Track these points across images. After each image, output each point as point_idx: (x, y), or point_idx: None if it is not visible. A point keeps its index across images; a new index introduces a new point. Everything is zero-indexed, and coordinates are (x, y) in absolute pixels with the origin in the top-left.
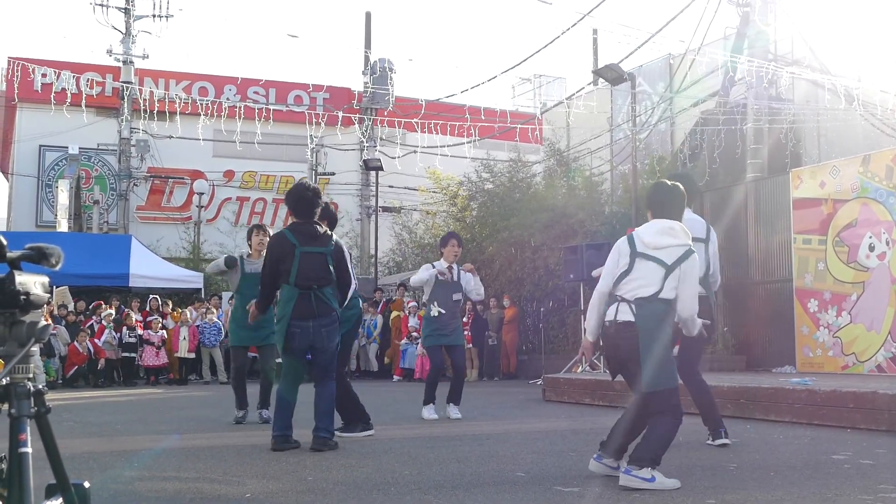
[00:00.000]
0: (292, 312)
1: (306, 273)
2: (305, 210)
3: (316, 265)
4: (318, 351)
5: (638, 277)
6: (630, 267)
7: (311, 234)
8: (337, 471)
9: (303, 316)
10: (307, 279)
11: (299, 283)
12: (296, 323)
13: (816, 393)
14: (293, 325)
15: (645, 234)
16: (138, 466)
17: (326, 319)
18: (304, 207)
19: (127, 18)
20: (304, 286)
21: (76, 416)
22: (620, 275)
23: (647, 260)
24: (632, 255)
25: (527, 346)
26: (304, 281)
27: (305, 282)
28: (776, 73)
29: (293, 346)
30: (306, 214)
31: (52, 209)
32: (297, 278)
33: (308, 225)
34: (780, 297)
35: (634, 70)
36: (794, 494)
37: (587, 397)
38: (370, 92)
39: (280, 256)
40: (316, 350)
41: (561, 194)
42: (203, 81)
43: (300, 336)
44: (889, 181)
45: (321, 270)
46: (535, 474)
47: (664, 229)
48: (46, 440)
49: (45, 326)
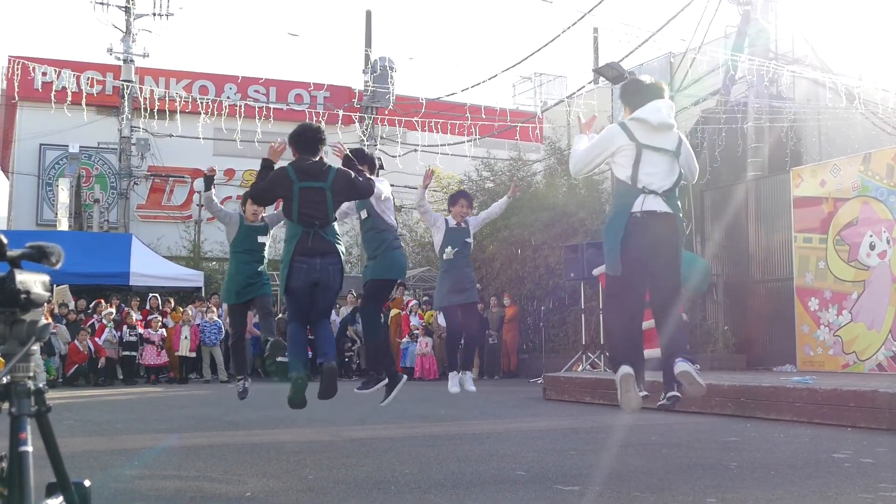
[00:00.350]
0: (295, 248)
1: (307, 210)
2: (305, 146)
3: (314, 201)
4: (322, 288)
5: (653, 168)
6: (638, 157)
7: (308, 170)
8: (337, 469)
9: (306, 252)
10: (308, 216)
11: (301, 221)
12: (300, 258)
13: (817, 392)
14: (297, 259)
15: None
16: (139, 465)
17: (331, 258)
18: (303, 143)
19: (127, 17)
20: (307, 223)
21: (77, 415)
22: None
23: (657, 152)
24: (637, 147)
25: (527, 345)
26: (306, 218)
27: (307, 219)
28: (777, 72)
29: (297, 283)
30: (307, 150)
31: (52, 208)
32: (299, 216)
33: (307, 160)
34: (780, 295)
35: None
36: (794, 493)
37: (588, 396)
38: (370, 91)
39: (275, 185)
40: (319, 287)
41: (562, 193)
42: (203, 80)
43: (306, 271)
44: (890, 180)
45: (320, 208)
46: (536, 473)
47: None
48: (47, 439)
49: (45, 325)
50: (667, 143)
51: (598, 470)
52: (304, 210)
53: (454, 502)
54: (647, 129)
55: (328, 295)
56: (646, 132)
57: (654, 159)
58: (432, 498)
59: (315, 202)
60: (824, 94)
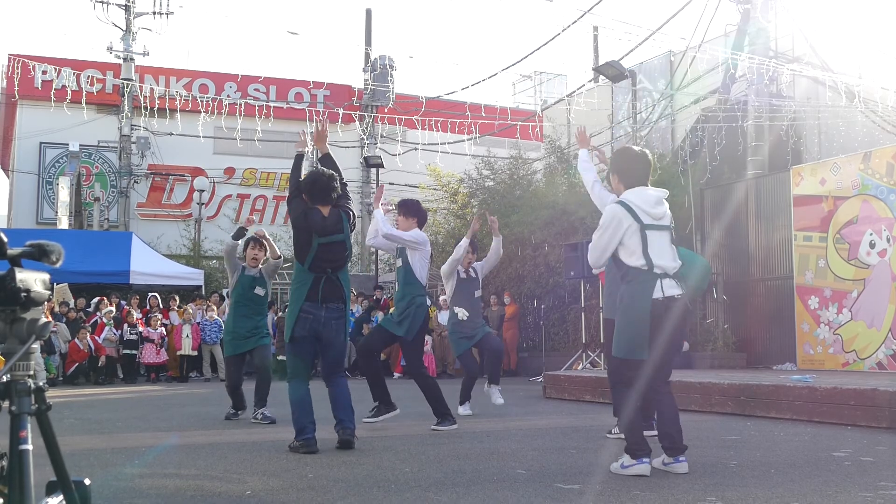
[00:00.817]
0: (306, 296)
1: (322, 261)
2: (319, 194)
3: (333, 253)
4: (326, 344)
5: (662, 249)
6: (644, 239)
7: (328, 226)
8: (337, 468)
9: (314, 299)
10: (322, 267)
11: (314, 269)
12: (308, 308)
13: (817, 390)
14: (305, 309)
15: (644, 205)
16: (139, 463)
17: (337, 310)
18: (317, 192)
19: (127, 15)
20: (320, 270)
21: (77, 414)
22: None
23: (660, 230)
24: (641, 228)
25: (527, 344)
26: (319, 267)
27: (320, 268)
28: (777, 70)
29: (301, 333)
30: (320, 199)
31: (52, 206)
32: (313, 265)
33: (322, 213)
34: (780, 294)
35: (635, 67)
36: (794, 492)
37: (588, 394)
38: (371, 89)
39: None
40: (324, 343)
41: (561, 192)
42: (203, 78)
43: (311, 323)
44: (890, 178)
45: (337, 257)
46: (536, 471)
47: (658, 198)
48: (47, 437)
49: (45, 323)
50: (664, 220)
51: (598, 468)
52: (319, 263)
53: (454, 501)
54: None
55: (334, 351)
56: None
57: (658, 240)
58: (432, 496)
59: (333, 252)
60: (824, 93)
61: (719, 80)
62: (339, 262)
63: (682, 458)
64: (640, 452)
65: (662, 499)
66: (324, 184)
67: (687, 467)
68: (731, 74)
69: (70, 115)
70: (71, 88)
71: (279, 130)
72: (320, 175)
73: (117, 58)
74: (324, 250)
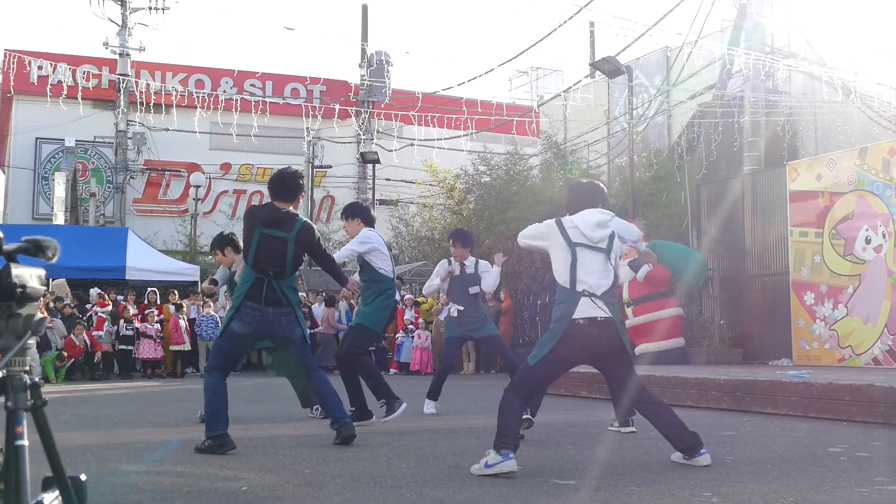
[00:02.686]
0: (246, 294)
1: (263, 257)
2: (283, 191)
3: (273, 250)
4: (282, 343)
5: (591, 269)
6: (574, 257)
7: (276, 218)
8: (334, 464)
9: (256, 300)
10: (263, 264)
11: (256, 267)
12: (249, 304)
13: (813, 386)
14: (246, 304)
15: (582, 226)
16: (135, 459)
17: (283, 309)
18: (283, 189)
19: (123, 11)
20: (261, 271)
21: (73, 409)
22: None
23: (593, 251)
24: (570, 246)
25: (523, 339)
26: (261, 266)
27: (261, 266)
28: (773, 66)
29: (241, 329)
30: (283, 196)
31: (48, 202)
32: (255, 261)
33: (277, 207)
34: (776, 289)
35: (631, 63)
36: (790, 487)
37: (584, 390)
38: (367, 85)
39: (248, 229)
40: (279, 342)
41: (558, 187)
42: (200, 74)
43: (258, 320)
44: (886, 174)
45: (278, 258)
46: (532, 467)
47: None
48: (43, 433)
49: (41, 319)
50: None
51: (594, 464)
52: (261, 259)
53: (450, 496)
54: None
55: (295, 348)
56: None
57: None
58: (429, 492)
59: (274, 250)
60: (820, 89)
61: (715, 75)
62: (281, 266)
63: (702, 451)
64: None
65: (658, 494)
66: (289, 180)
67: (709, 458)
68: (727, 70)
69: (66, 110)
70: (67, 84)
71: (275, 126)
72: (288, 172)
73: (113, 53)
74: (265, 244)
